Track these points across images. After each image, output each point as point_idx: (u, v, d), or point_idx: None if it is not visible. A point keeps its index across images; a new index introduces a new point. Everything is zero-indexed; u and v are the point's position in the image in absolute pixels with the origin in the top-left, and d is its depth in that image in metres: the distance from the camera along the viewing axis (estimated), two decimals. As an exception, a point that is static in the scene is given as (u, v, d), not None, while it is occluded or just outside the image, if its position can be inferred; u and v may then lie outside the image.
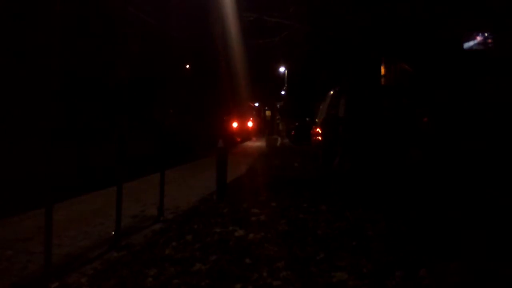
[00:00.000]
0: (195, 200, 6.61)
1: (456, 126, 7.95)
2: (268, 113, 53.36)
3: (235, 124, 42.34)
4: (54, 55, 3.23)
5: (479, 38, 9.27)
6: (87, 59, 10.14)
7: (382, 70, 11.78)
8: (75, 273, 3.33)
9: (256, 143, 28.94)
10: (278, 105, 42.84)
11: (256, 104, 55.83)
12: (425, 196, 5.86)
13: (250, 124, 48.57)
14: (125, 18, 5.76)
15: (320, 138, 11.91)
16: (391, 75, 12.38)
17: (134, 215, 5.44)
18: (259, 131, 46.55)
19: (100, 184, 7.14)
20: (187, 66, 25.45)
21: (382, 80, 11.93)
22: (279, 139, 27.11)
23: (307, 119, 24.74)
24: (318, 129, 12.39)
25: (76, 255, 3.81)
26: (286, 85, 32.30)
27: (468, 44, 9.29)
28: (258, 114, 56.59)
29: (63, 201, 6.01)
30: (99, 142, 10.48)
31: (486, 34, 9.14)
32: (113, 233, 4.17)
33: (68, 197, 6.30)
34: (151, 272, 3.24)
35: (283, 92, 35.86)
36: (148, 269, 3.32)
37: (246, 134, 40.57)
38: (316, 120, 13.78)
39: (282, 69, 31.90)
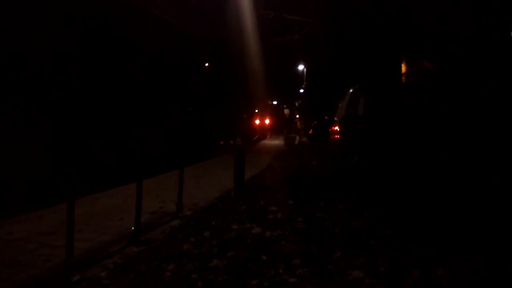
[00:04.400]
0: (213, 197, 6.66)
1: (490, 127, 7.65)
2: (286, 111, 53.23)
3: (253, 122, 42.34)
4: (76, 54, 3.31)
5: None
6: (106, 58, 10.31)
7: (403, 68, 11.60)
8: (95, 266, 3.42)
9: (274, 142, 28.93)
10: (296, 103, 42.70)
11: (275, 103, 55.82)
12: (446, 197, 5.76)
13: (267, 122, 48.65)
14: (146, 17, 5.84)
15: (338, 136, 11.85)
16: (412, 73, 12.18)
17: (153, 211, 5.52)
18: (277, 130, 46.48)
19: (120, 180, 7.28)
20: (206, 65, 25.61)
21: (403, 78, 11.75)
22: (297, 137, 27.04)
23: (326, 117, 24.61)
24: (336, 128, 12.32)
25: (96, 249, 3.90)
26: (305, 83, 32.14)
27: None
28: (276, 113, 56.54)
29: (84, 197, 6.14)
30: (119, 140, 10.65)
31: None
32: (132, 228, 4.26)
33: (89, 192, 6.44)
34: (169, 267, 3.30)
35: (301, 90, 35.70)
36: (166, 264, 3.38)
37: (262, 132, 40.62)
38: (335, 118, 13.71)
39: (301, 67, 31.73)
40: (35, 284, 3.07)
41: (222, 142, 18.81)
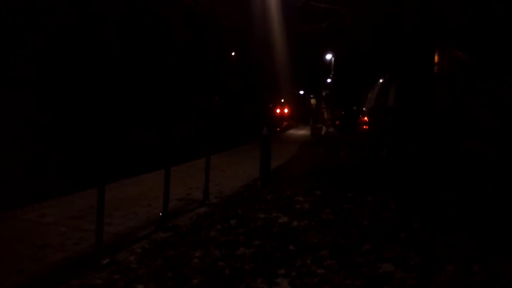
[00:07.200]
0: (239, 185, 6.66)
1: None
2: (313, 101, 52.76)
3: (279, 112, 42.14)
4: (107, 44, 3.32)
5: None
6: (133, 47, 10.40)
7: (436, 58, 11.23)
8: (124, 250, 3.46)
9: (300, 132, 28.75)
10: (323, 93, 42.20)
11: (301, 92, 55.41)
12: (478, 191, 5.57)
13: (292, 111, 48.41)
14: (172, 5, 5.83)
15: (367, 127, 11.63)
16: (444, 63, 11.79)
17: (180, 198, 5.56)
18: (303, 120, 46.14)
19: (147, 167, 7.38)
20: (233, 54, 25.57)
21: (435, 68, 11.38)
22: (324, 128, 26.76)
23: (354, 107, 24.25)
24: (365, 118, 12.10)
25: (125, 234, 3.95)
26: (332, 72, 31.68)
27: None
28: (303, 102, 56.16)
29: (113, 183, 6.24)
30: (148, 128, 10.79)
31: None
32: (160, 214, 4.29)
33: (118, 178, 6.55)
34: (196, 254, 3.30)
35: (329, 80, 35.22)
36: (193, 250, 3.38)
37: (288, 122, 40.45)
38: (364, 109, 13.45)
39: (328, 57, 31.27)
40: (66, 266, 3.13)
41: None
